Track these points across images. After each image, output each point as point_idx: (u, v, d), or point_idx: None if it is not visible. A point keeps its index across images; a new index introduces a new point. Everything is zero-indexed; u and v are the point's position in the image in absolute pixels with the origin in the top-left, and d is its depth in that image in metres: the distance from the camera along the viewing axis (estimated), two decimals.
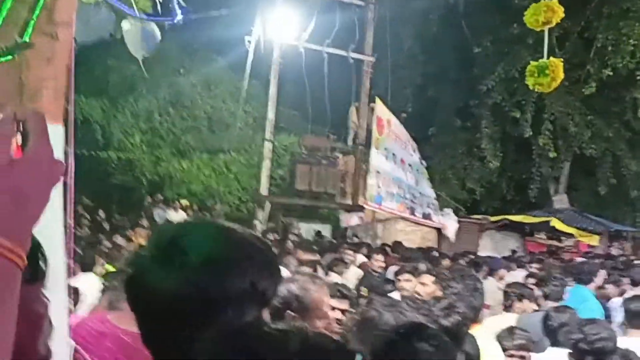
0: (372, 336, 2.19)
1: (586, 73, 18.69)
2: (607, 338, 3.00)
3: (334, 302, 3.33)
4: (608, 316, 5.90)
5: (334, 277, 6.52)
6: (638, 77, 17.28)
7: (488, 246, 17.02)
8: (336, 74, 15.51)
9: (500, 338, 3.98)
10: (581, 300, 5.82)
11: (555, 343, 4.14)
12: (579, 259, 12.80)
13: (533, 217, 18.31)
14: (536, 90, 5.08)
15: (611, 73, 17.66)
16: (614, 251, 18.37)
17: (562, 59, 4.74)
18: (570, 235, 18.15)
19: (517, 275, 7.89)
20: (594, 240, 18.28)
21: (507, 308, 5.92)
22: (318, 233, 15.03)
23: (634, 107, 18.18)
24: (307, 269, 5.57)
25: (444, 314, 3.05)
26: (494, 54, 19.15)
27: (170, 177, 18.23)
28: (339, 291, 3.43)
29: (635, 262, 13.29)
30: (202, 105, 19.86)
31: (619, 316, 5.30)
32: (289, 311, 2.45)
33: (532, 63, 4.98)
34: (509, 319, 5.31)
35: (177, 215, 14.26)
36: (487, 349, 3.69)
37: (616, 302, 5.98)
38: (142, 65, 3.55)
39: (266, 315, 1.14)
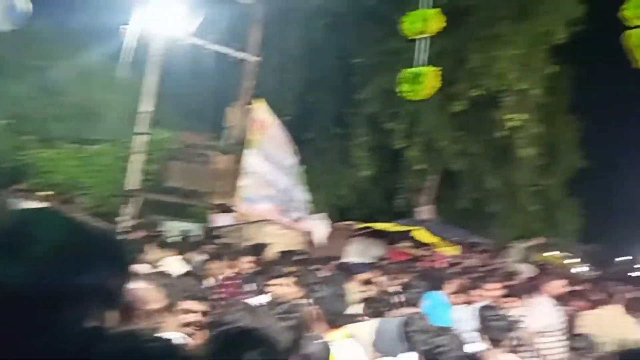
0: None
1: (458, 91, 19.62)
2: (455, 347, 3.05)
3: (190, 304, 3.18)
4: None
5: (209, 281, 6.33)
6: (502, 99, 18.29)
7: (354, 252, 17.37)
8: (220, 72, 15.23)
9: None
10: (434, 306, 6.01)
11: (410, 348, 4.20)
12: (438, 267, 13.33)
13: (399, 226, 18.88)
14: (409, 97, 5.16)
15: (480, 93, 18.64)
16: (471, 261, 19.40)
17: (436, 69, 4.81)
18: (432, 245, 18.91)
19: (381, 281, 8.03)
20: (454, 250, 19.17)
21: (370, 313, 6.01)
22: (186, 232, 14.62)
23: (498, 126, 19.22)
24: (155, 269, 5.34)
25: (284, 317, 3.00)
26: (372, 65, 19.63)
27: (32, 166, 17.04)
28: (195, 293, 3.27)
29: (488, 271, 14.06)
30: (74, 93, 18.75)
31: (472, 324, 5.49)
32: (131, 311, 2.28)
33: (407, 70, 5.06)
34: (370, 324, 5.36)
35: (36, 206, 13.31)
36: (341, 354, 3.67)
37: (469, 310, 6.22)
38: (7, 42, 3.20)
39: (112, 316, 1.00)
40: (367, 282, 7.68)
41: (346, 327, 4.44)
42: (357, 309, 6.47)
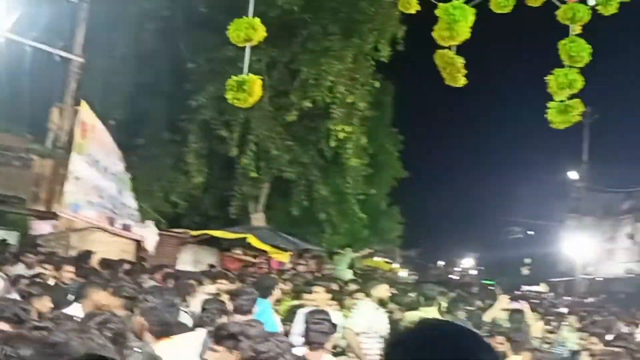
0: None
1: (290, 102, 20.11)
2: (283, 351, 3.17)
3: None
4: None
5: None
6: (332, 111, 19.03)
7: (187, 260, 17.17)
8: (41, 71, 14.28)
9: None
10: (263, 312, 6.13)
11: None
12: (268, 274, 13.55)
13: (231, 234, 18.93)
14: (235, 104, 5.27)
15: (311, 104, 19.25)
16: (301, 267, 19.95)
17: (261, 77, 4.96)
18: (264, 252, 19.18)
19: (211, 289, 8.02)
20: (285, 257, 19.58)
21: (201, 322, 6.00)
22: (2, 241, 13.51)
23: (328, 137, 19.91)
24: None
25: (99, 329, 2.96)
26: (206, 72, 19.51)
27: None
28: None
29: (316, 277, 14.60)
30: None
31: (299, 327, 5.69)
32: None
33: (233, 78, 5.16)
34: (200, 335, 5.37)
35: None
36: None
37: (298, 314, 6.43)
38: None
39: None
40: (198, 289, 7.64)
41: (176, 336, 4.42)
42: (188, 318, 6.44)
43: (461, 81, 5.24)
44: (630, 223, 33.33)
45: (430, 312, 6.56)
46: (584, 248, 33.43)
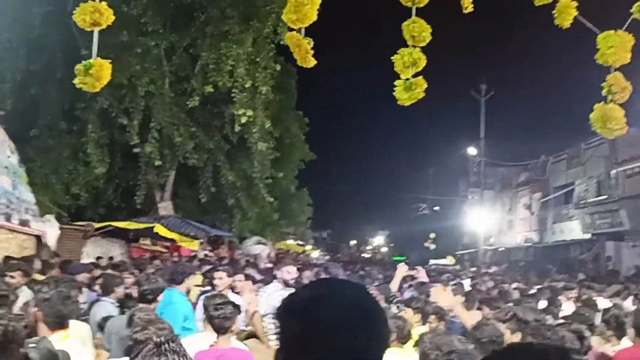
0: None
1: (191, 87, 19.81)
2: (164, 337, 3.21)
3: None
4: None
5: None
6: (234, 95, 18.91)
7: (93, 253, 16.69)
8: None
9: None
10: (168, 302, 6.08)
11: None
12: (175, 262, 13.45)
13: (138, 224, 18.57)
14: (84, 89, 5.20)
15: (212, 90, 19.04)
16: (207, 253, 19.86)
17: (110, 61, 4.92)
18: (173, 241, 18.96)
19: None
20: (194, 245, 19.43)
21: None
22: None
23: (232, 122, 19.75)
24: None
25: None
26: (102, 58, 18.85)
27: None
28: None
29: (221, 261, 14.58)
30: None
31: (200, 314, 5.71)
32: None
33: (82, 63, 5.08)
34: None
35: None
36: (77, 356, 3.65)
37: (199, 301, 6.44)
38: None
39: None
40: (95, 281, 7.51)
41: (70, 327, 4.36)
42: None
43: (311, 62, 5.44)
44: (527, 194, 35.05)
45: None
46: (485, 221, 34.94)
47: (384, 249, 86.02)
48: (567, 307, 8.04)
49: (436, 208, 56.06)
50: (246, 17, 18.80)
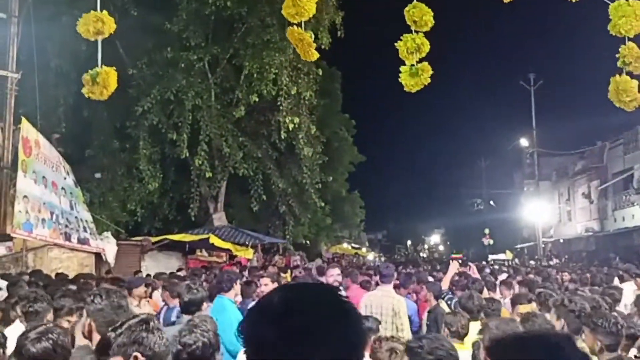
0: None
1: (236, 97, 20.05)
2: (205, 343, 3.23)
3: None
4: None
5: None
6: (279, 102, 19.05)
7: (151, 267, 17.03)
8: None
9: None
10: (222, 309, 6.11)
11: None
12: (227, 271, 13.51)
13: (193, 236, 18.83)
14: (92, 97, 5.27)
15: (257, 98, 19.22)
16: (261, 262, 20.01)
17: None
18: (228, 250, 19.16)
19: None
20: (249, 253, 19.59)
21: None
22: None
23: (278, 129, 19.89)
24: None
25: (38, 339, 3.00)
26: (148, 76, 19.30)
27: None
28: None
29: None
30: None
31: None
32: None
33: (88, 72, 5.15)
34: None
35: None
36: None
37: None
38: None
39: None
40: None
41: None
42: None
43: (314, 55, 5.42)
44: (585, 183, 34.14)
45: (387, 289, 6.65)
46: (543, 212, 34.16)
47: (441, 247, 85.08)
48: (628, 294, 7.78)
49: (492, 202, 55.10)
50: (285, 24, 18.90)
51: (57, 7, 16.81)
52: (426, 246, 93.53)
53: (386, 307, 6.33)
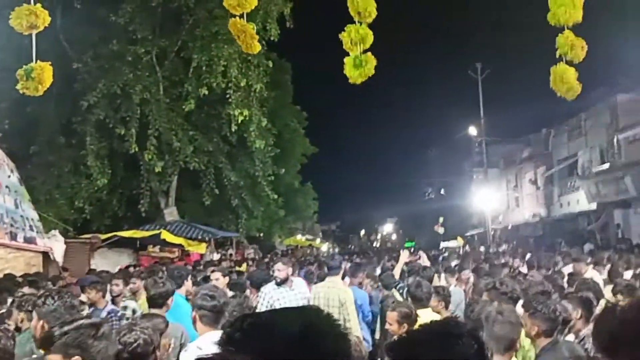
0: None
1: (186, 91, 19.78)
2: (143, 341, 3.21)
3: None
4: None
5: None
6: (228, 95, 18.90)
7: (101, 264, 16.71)
8: None
9: None
10: (174, 306, 6.04)
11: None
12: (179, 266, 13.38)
13: (144, 232, 18.58)
14: (27, 93, 5.16)
15: (207, 91, 19.03)
16: (218, 256, 19.90)
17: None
18: (180, 246, 18.96)
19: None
20: (202, 248, 19.46)
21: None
22: None
23: (229, 122, 19.71)
24: None
25: None
26: (95, 70, 18.86)
27: None
28: None
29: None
30: None
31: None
32: None
33: (22, 68, 5.05)
34: None
35: None
36: None
37: None
38: None
39: None
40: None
41: None
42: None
43: (257, 48, 5.43)
44: (532, 169, 34.96)
45: (335, 280, 6.74)
46: (492, 199, 34.87)
47: (394, 236, 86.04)
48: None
49: (442, 191, 56.01)
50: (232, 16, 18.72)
51: None
52: (379, 235, 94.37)
53: (333, 299, 6.44)
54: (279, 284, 6.35)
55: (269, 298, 6.33)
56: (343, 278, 7.75)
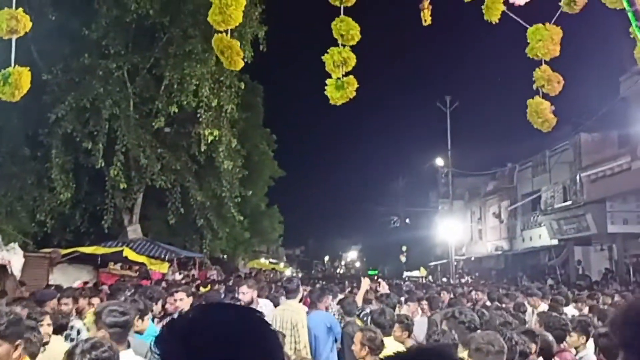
0: None
1: (156, 108, 19.65)
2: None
3: None
4: None
5: None
6: (199, 114, 18.86)
7: (60, 280, 16.38)
8: None
9: None
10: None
11: None
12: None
13: (105, 248, 18.29)
14: (1, 98, 5.07)
15: (177, 110, 18.96)
16: (180, 276, 19.66)
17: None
18: (142, 264, 18.70)
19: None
20: (164, 267, 19.20)
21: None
22: None
23: (199, 141, 19.61)
24: None
25: None
26: (64, 83, 18.66)
27: None
28: None
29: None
30: None
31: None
32: None
33: (0, 72, 4.96)
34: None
35: None
36: None
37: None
38: None
39: None
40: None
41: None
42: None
43: (240, 64, 5.48)
44: (496, 203, 35.48)
45: (291, 304, 6.77)
46: (456, 231, 35.25)
47: (357, 264, 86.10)
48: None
49: (408, 220, 56.39)
50: (209, 36, 18.72)
51: None
52: (343, 262, 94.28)
53: (286, 320, 6.47)
54: None
55: None
56: (303, 302, 7.76)
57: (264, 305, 6.75)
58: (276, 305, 7.81)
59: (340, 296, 10.20)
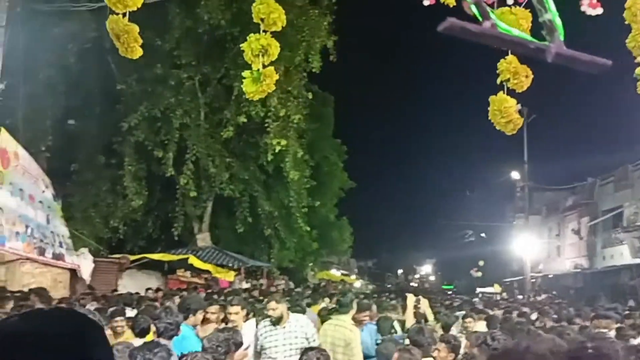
0: None
1: (225, 118, 19.89)
2: None
3: None
4: None
5: None
6: (267, 124, 18.92)
7: (128, 285, 16.72)
8: None
9: None
10: (182, 337, 5.79)
11: None
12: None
13: (172, 255, 18.57)
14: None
15: (246, 120, 19.10)
16: (248, 285, 19.69)
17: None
18: (208, 272, 18.87)
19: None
20: (230, 276, 19.31)
21: None
22: None
23: (266, 151, 19.69)
24: None
25: None
26: (138, 93, 19.15)
27: None
28: None
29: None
30: None
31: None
32: None
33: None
34: None
35: None
36: None
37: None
38: None
39: None
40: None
41: None
42: None
43: (138, 52, 4.90)
44: (575, 219, 33.96)
45: (343, 319, 6.45)
46: (532, 247, 33.90)
47: (432, 278, 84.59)
48: None
49: (482, 234, 54.88)
50: (279, 48, 18.83)
51: (48, 18, 16.67)
52: (417, 275, 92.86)
53: (338, 338, 6.15)
54: (273, 323, 5.98)
55: (260, 336, 6.00)
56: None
57: (301, 322, 6.26)
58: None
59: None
